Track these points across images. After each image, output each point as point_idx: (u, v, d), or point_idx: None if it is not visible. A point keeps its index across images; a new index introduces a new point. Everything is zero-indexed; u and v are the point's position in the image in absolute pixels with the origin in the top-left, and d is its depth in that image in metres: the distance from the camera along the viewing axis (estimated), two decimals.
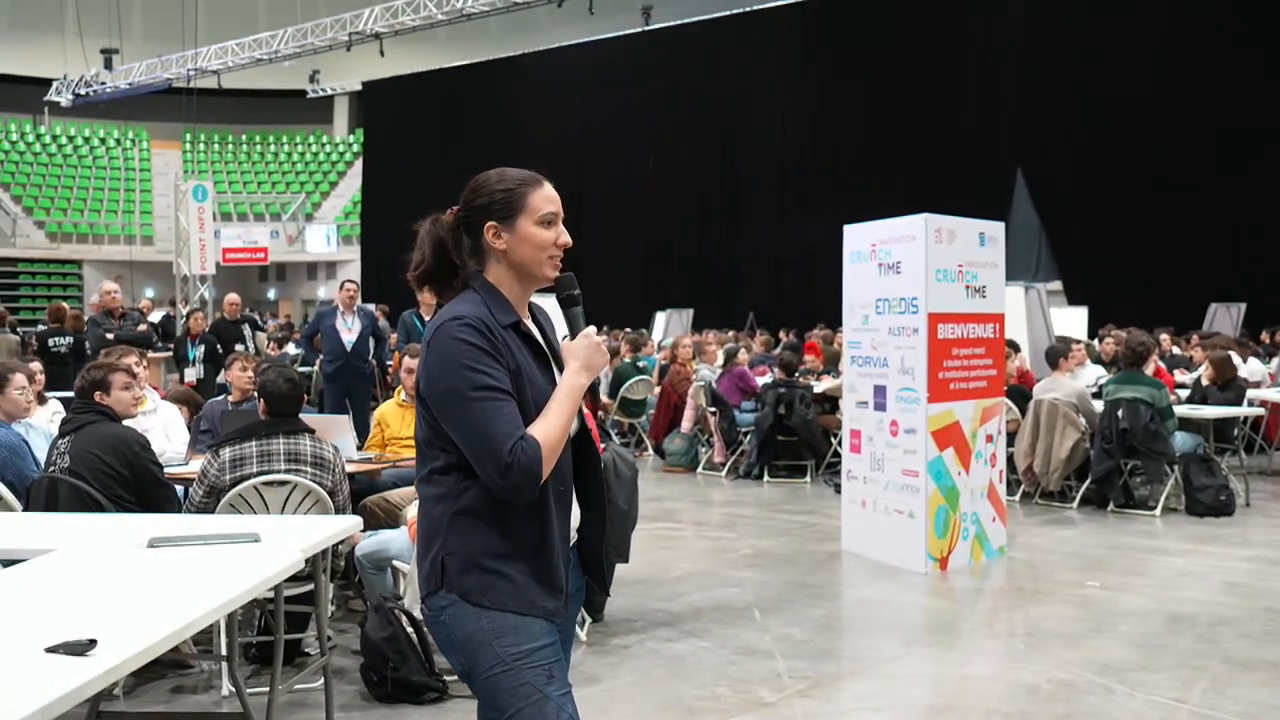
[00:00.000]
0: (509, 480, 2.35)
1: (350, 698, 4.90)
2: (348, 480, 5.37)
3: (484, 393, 2.38)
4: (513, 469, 2.34)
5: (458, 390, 2.39)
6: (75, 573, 3.36)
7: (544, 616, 2.48)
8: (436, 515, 2.50)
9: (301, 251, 37.10)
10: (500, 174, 2.60)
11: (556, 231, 2.57)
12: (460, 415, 2.40)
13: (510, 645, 2.43)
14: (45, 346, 12.63)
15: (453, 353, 2.41)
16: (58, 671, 2.37)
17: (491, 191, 2.56)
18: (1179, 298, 18.81)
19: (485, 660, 2.44)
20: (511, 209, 2.54)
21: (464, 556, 2.45)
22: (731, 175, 26.22)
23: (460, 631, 2.45)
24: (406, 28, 27.26)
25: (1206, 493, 8.97)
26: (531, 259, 2.56)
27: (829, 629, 6.11)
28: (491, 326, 2.45)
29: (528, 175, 2.60)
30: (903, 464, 7.39)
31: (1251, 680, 5.07)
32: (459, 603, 2.44)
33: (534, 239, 2.55)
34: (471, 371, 2.38)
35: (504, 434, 2.35)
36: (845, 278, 7.98)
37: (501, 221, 2.54)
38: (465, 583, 2.44)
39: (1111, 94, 20.65)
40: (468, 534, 2.46)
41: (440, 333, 2.44)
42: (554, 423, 2.44)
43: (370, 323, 11.10)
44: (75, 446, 4.98)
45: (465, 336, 2.41)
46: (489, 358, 2.41)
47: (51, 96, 35.23)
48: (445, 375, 2.41)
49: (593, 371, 2.56)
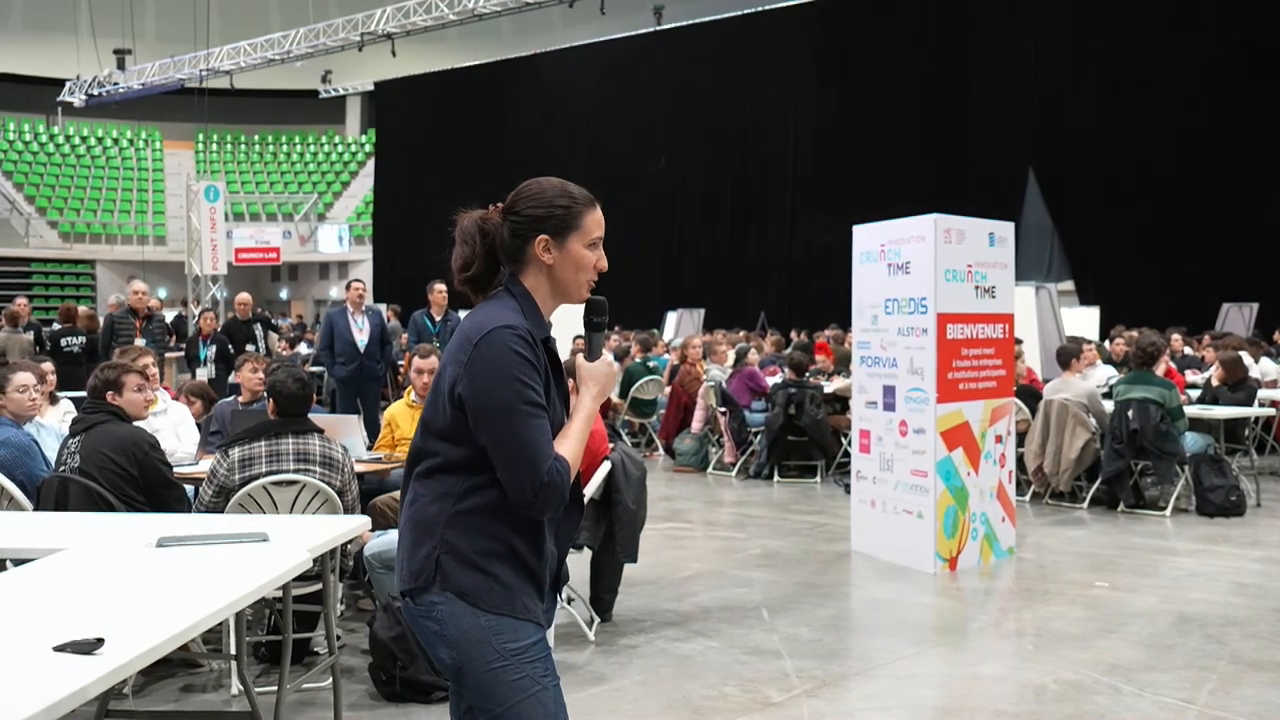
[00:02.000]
0: (540, 499, 2.38)
1: (359, 697, 4.92)
2: (357, 480, 5.39)
3: (531, 408, 2.40)
4: (547, 489, 2.38)
5: (508, 402, 2.39)
6: (84, 572, 3.38)
7: (534, 620, 2.51)
8: (433, 513, 2.49)
9: (314, 251, 37.16)
10: (559, 187, 2.58)
11: (598, 255, 2.59)
12: (505, 427, 2.39)
13: (508, 642, 2.45)
14: (57, 346, 12.68)
15: (506, 363, 2.41)
16: (65, 670, 2.39)
17: (551, 204, 2.55)
18: (1191, 298, 18.73)
19: (483, 656, 2.45)
20: (567, 226, 2.54)
21: (462, 556, 2.45)
22: (743, 175, 26.19)
23: (455, 629, 2.45)
24: (418, 28, 27.30)
25: (1217, 493, 8.95)
26: (572, 280, 2.57)
27: (837, 629, 6.11)
28: (534, 340, 2.46)
29: (586, 194, 2.60)
30: (912, 464, 7.39)
31: (1260, 681, 5.06)
32: (454, 600, 2.45)
33: (580, 260, 2.56)
34: (522, 385, 2.40)
35: (545, 454, 2.39)
36: (854, 278, 7.98)
37: (554, 236, 2.54)
38: (463, 582, 2.45)
39: (1124, 93, 20.59)
40: (467, 534, 2.46)
41: (493, 341, 2.43)
42: (575, 445, 2.50)
43: (380, 323, 11.12)
44: (85, 446, 5.00)
45: (518, 349, 2.41)
46: (536, 373, 2.43)
47: (64, 97, 35.37)
48: (496, 385, 2.40)
49: (605, 395, 2.63)
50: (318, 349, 13.43)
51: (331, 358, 10.97)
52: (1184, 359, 13.23)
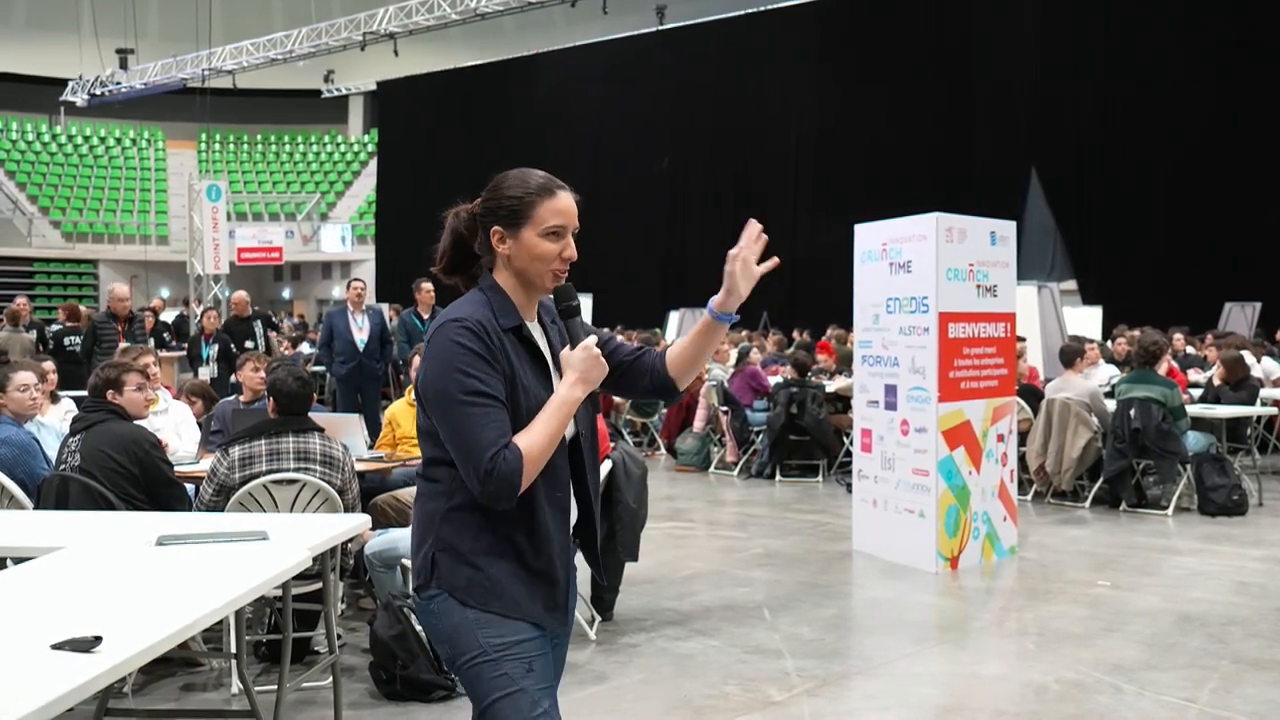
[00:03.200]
0: (487, 488, 2.36)
1: (360, 695, 4.92)
2: (357, 479, 5.38)
3: (473, 397, 2.39)
4: (491, 476, 2.35)
5: (448, 393, 2.40)
6: (83, 570, 3.37)
7: (528, 620, 2.50)
8: (430, 510, 2.52)
9: (316, 251, 37.16)
10: (518, 178, 2.57)
11: (562, 244, 2.54)
12: (448, 418, 2.41)
13: (494, 637, 2.46)
14: (60, 345, 12.69)
15: (448, 355, 2.42)
16: (63, 668, 2.38)
17: (501, 196, 2.55)
18: (1194, 297, 18.69)
19: (468, 649, 2.46)
20: (518, 217, 2.52)
21: (454, 553, 2.47)
22: (746, 174, 26.15)
23: (447, 622, 2.48)
24: (420, 27, 27.30)
25: (1219, 492, 8.94)
26: (531, 269, 2.54)
27: (839, 628, 6.11)
28: (490, 329, 2.45)
29: (542, 184, 2.55)
30: (913, 463, 7.38)
31: (1262, 680, 5.06)
32: (447, 597, 2.47)
33: (535, 250, 2.53)
34: (463, 375, 2.40)
35: (487, 441, 2.36)
36: (856, 277, 7.97)
37: (507, 227, 2.53)
38: (454, 579, 2.47)
39: (1126, 93, 20.56)
40: (459, 531, 2.48)
41: (439, 334, 2.46)
42: (540, 433, 2.43)
43: (380, 322, 11.12)
44: (86, 445, 5.00)
45: (462, 340, 2.42)
46: (483, 362, 2.42)
47: (67, 96, 35.37)
48: (438, 377, 2.42)
49: (589, 384, 2.53)
50: (318, 348, 13.44)
51: (331, 357, 10.97)
52: (1186, 358, 13.21)
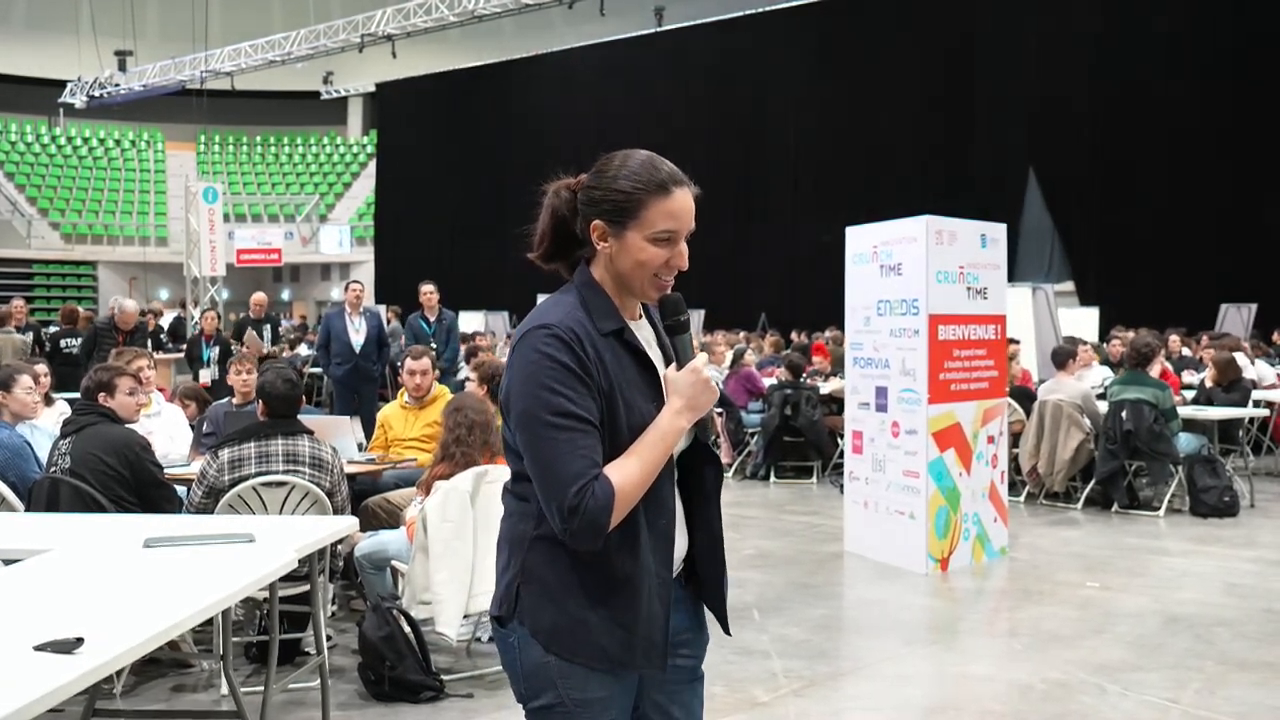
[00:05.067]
0: (571, 525, 2.05)
1: (348, 696, 4.94)
2: (346, 481, 5.41)
3: (560, 419, 2.07)
4: (576, 514, 2.04)
5: (532, 412, 2.10)
6: (69, 572, 3.40)
7: (615, 668, 2.21)
8: (518, 533, 2.24)
9: (315, 252, 37.22)
10: (631, 165, 2.22)
11: (672, 251, 2.22)
12: (531, 441, 2.11)
13: (574, 690, 2.19)
14: (57, 347, 12.70)
15: (534, 369, 2.11)
16: (43, 669, 2.41)
17: (608, 187, 2.21)
18: (1190, 298, 18.73)
19: (543, 694, 2.20)
20: (624, 214, 2.19)
21: (541, 590, 2.18)
22: (744, 176, 26.18)
23: (526, 661, 2.21)
24: (419, 29, 27.33)
25: (1210, 494, 8.96)
26: (633, 275, 2.21)
27: (828, 629, 6.13)
28: (585, 337, 2.13)
29: (658, 178, 2.21)
30: (904, 465, 7.41)
31: (1246, 681, 5.08)
32: (528, 637, 2.19)
33: (640, 255, 2.20)
34: (551, 393, 2.08)
35: (573, 473, 2.05)
36: (847, 279, 8.00)
37: (610, 223, 2.20)
38: (538, 619, 2.18)
39: (1124, 94, 20.60)
40: (549, 563, 2.18)
41: (524, 343, 2.15)
42: (636, 467, 2.11)
43: (378, 324, 11.15)
44: (76, 447, 5.03)
45: (551, 351, 2.10)
46: (574, 378, 2.10)
47: (66, 98, 35.45)
48: (522, 394, 2.12)
49: (697, 412, 2.20)
50: (315, 349, 13.48)
51: (328, 358, 11.00)
52: (1181, 360, 13.24)
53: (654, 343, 2.32)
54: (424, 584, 4.98)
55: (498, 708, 4.80)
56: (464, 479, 5.00)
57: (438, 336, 11.24)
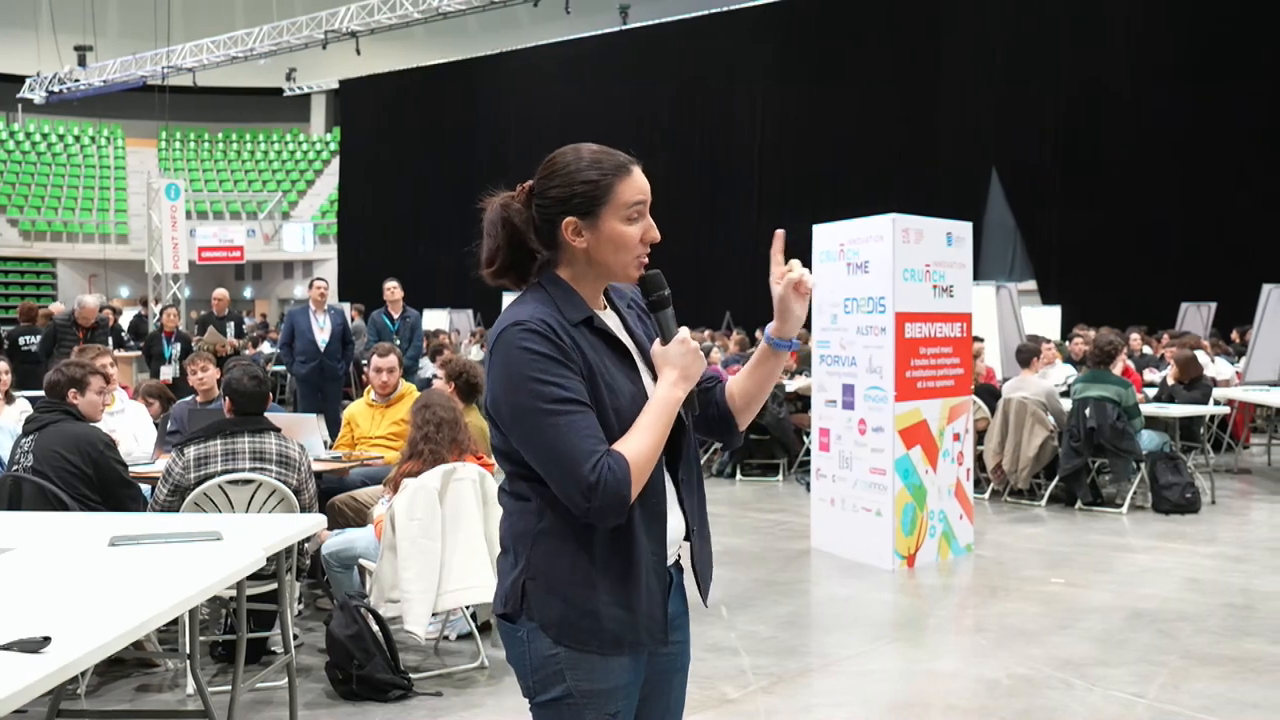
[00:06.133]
0: (594, 503, 2.06)
1: (316, 695, 4.91)
2: (314, 479, 5.37)
3: (557, 405, 2.09)
4: (598, 490, 2.05)
5: (528, 406, 2.11)
6: (34, 571, 3.36)
7: (624, 650, 2.23)
8: (520, 532, 2.25)
9: (278, 250, 36.96)
10: (586, 157, 2.24)
11: (644, 225, 2.25)
12: (532, 435, 2.12)
13: (583, 681, 2.21)
14: (15, 345, 12.56)
15: (518, 364, 2.13)
16: (9, 669, 2.37)
17: (574, 179, 2.22)
18: (1151, 297, 18.94)
19: (551, 689, 2.22)
20: (595, 203, 2.21)
21: (547, 585, 2.20)
22: (710, 175, 26.23)
23: (534, 655, 2.22)
24: (383, 26, 27.17)
25: (1172, 490, 9.05)
26: (614, 262, 2.25)
27: (795, 626, 6.15)
28: (558, 327, 2.16)
29: (617, 160, 2.25)
30: (870, 462, 7.44)
31: (1209, 675, 5.13)
32: (539, 631, 2.21)
33: (620, 239, 2.23)
34: (540, 384, 2.10)
35: (585, 450, 2.07)
36: (814, 277, 7.99)
37: (582, 216, 2.21)
38: (546, 613, 2.20)
39: (1086, 94, 20.80)
40: (552, 558, 2.20)
41: (501, 343, 2.17)
42: (645, 439, 2.15)
43: (342, 322, 11.08)
44: (39, 445, 4.97)
45: (530, 344, 2.13)
46: (558, 364, 2.12)
47: (25, 94, 34.97)
48: (512, 390, 2.14)
49: (690, 381, 2.25)
50: (278, 347, 13.39)
51: (292, 356, 10.93)
52: (1143, 358, 13.35)
53: (622, 329, 2.35)
54: (392, 582, 4.96)
55: (466, 706, 4.79)
56: (432, 477, 4.98)
57: (401, 334, 11.19)
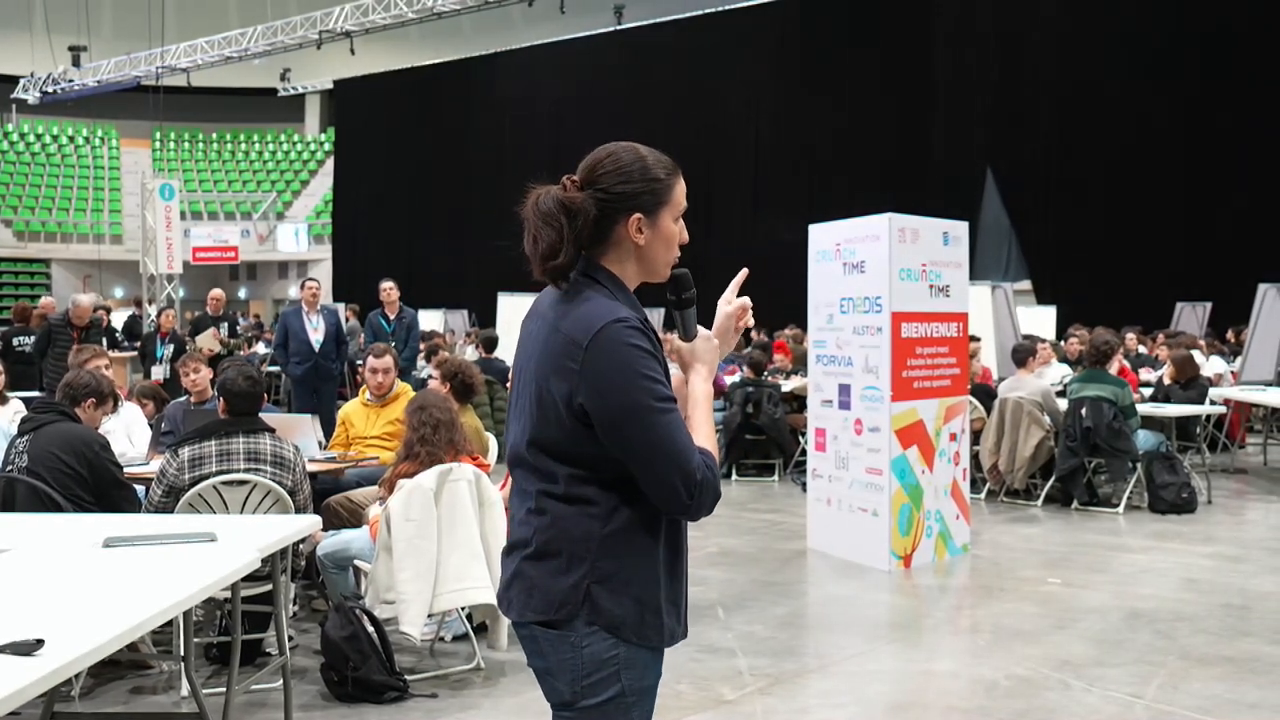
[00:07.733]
0: (696, 499, 2.13)
1: (311, 697, 4.88)
2: (309, 479, 5.35)
3: (664, 404, 2.14)
4: (702, 487, 2.14)
5: (641, 404, 2.12)
6: (28, 572, 3.34)
7: (671, 643, 2.31)
8: (578, 535, 2.20)
9: (273, 250, 36.92)
10: (653, 157, 2.32)
11: (681, 225, 2.36)
12: (644, 431, 2.12)
13: (635, 679, 2.24)
14: (10, 346, 12.52)
15: (627, 361, 2.13)
16: (3, 672, 2.36)
17: (645, 177, 2.28)
18: (1146, 297, 18.95)
19: (608, 689, 2.22)
20: (659, 201, 2.29)
21: (619, 586, 2.20)
22: (705, 175, 26.14)
23: (592, 659, 2.21)
24: (377, 26, 27.15)
25: (1169, 490, 9.04)
26: (662, 258, 2.32)
27: (792, 626, 6.13)
28: (647, 327, 2.19)
29: (672, 161, 2.35)
30: (867, 462, 7.42)
31: (1207, 675, 5.12)
32: (600, 632, 2.20)
33: (672, 237, 2.32)
34: (651, 381, 2.13)
35: (691, 449, 2.15)
36: (810, 277, 8.01)
37: (648, 214, 2.27)
38: (615, 614, 2.20)
39: (1081, 94, 20.80)
40: (622, 560, 2.21)
41: (606, 339, 2.14)
42: (708, 435, 2.26)
43: (336, 322, 11.06)
44: (34, 446, 4.94)
45: (637, 341, 2.15)
46: (658, 362, 2.17)
47: (19, 94, 34.88)
48: (624, 388, 2.13)
49: (713, 374, 2.42)
50: (273, 348, 13.36)
51: (286, 357, 10.89)
52: (1138, 358, 13.35)
53: None
54: (387, 583, 4.94)
55: (462, 708, 4.77)
56: (428, 477, 4.97)
57: (397, 335, 11.16)
